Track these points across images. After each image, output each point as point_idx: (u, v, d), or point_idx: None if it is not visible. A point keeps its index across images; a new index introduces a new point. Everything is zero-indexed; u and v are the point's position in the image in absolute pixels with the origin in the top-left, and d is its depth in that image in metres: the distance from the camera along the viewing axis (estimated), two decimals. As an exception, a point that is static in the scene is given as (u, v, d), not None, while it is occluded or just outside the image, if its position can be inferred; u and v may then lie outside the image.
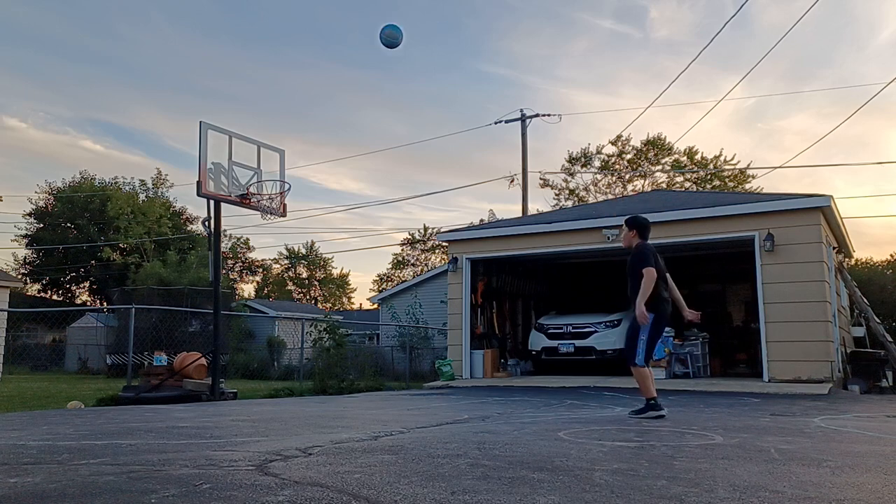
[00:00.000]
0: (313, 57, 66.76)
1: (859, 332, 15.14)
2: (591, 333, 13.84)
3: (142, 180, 41.79)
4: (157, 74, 63.26)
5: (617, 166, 38.48)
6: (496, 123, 25.48)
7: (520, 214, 23.77)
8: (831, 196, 11.40)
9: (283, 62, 63.29)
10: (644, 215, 6.87)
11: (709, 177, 36.70)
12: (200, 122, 9.68)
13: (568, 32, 56.23)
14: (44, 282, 43.15)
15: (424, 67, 67.85)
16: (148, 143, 71.89)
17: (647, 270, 6.09)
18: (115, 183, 41.62)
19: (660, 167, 37.56)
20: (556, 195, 38.48)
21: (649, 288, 6.04)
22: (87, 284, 44.16)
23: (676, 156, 37.60)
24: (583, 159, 38.61)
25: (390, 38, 8.46)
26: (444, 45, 64.32)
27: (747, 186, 35.26)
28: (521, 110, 24.73)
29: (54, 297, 43.66)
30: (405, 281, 33.51)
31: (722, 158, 36.41)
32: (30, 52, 58.74)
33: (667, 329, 12.92)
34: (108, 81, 63.10)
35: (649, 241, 6.45)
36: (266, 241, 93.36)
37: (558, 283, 17.77)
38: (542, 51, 56.96)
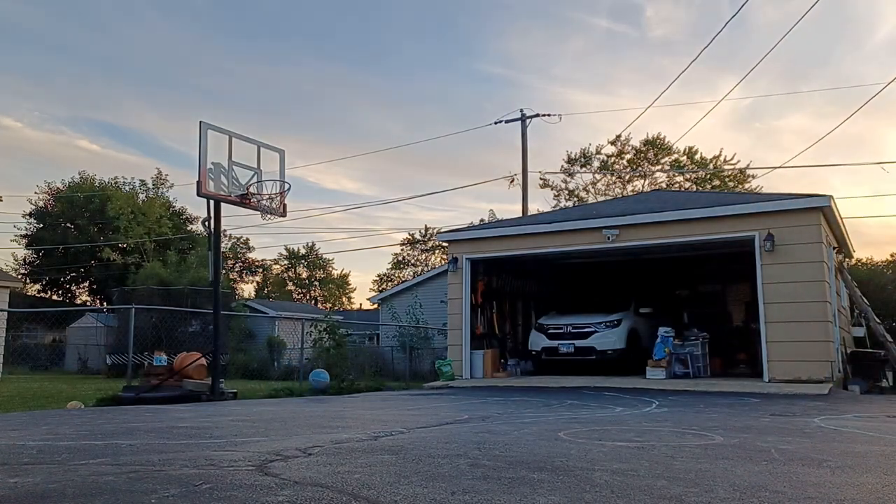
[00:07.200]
0: (308, 55, 66.63)
1: (859, 332, 15.14)
2: (591, 333, 13.84)
3: (142, 180, 41.75)
4: (153, 73, 63.07)
5: (616, 166, 38.49)
6: (496, 123, 25.45)
7: (520, 214, 23.76)
8: (831, 196, 11.40)
9: (279, 60, 63.13)
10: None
11: (708, 177, 36.70)
12: (200, 122, 9.66)
13: (564, 31, 56.17)
14: (44, 282, 43.11)
15: (420, 66, 67.66)
16: (145, 142, 71.69)
17: None
18: (115, 183, 41.60)
19: (659, 167, 37.56)
20: (556, 195, 38.50)
21: None
22: (87, 284, 44.13)
23: (676, 155, 37.61)
24: (582, 160, 38.62)
25: None
26: (440, 44, 64.19)
27: (747, 186, 35.25)
28: (521, 110, 24.70)
29: (54, 297, 43.61)
30: (405, 281, 33.50)
31: (722, 158, 36.43)
32: (23, 51, 58.64)
33: (666, 329, 12.99)
34: (103, 80, 62.90)
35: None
36: (266, 241, 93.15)
37: (558, 283, 17.77)
38: (538, 50, 56.92)
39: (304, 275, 57.44)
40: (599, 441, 4.56)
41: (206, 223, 10.19)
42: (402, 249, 52.55)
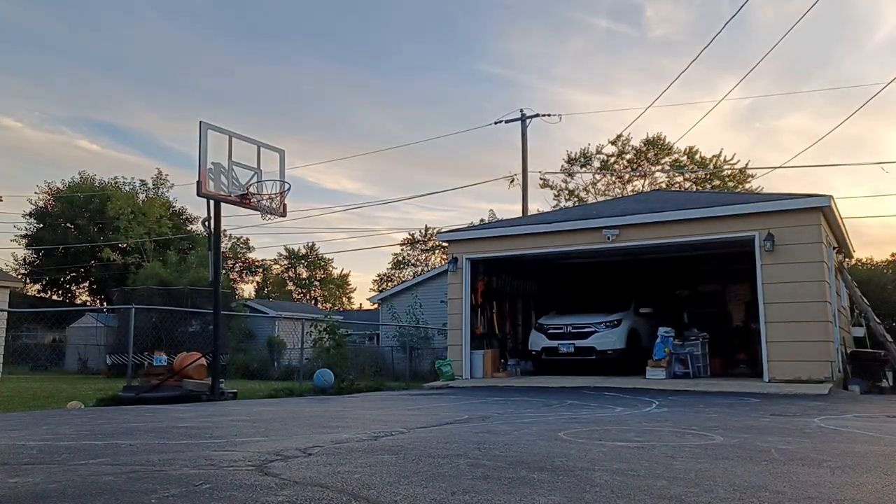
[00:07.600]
0: (308, 55, 66.57)
1: (859, 332, 15.15)
2: (591, 333, 13.84)
3: (142, 180, 41.81)
4: (153, 73, 63.03)
5: (616, 166, 38.48)
6: (496, 123, 25.43)
7: (520, 214, 23.76)
8: (831, 196, 11.40)
9: (279, 60, 63.12)
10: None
11: (708, 177, 36.69)
12: (200, 122, 9.66)
13: (564, 31, 56.13)
14: (44, 282, 43.10)
15: (420, 66, 67.62)
16: (145, 142, 71.67)
17: None
18: (115, 183, 41.62)
19: (659, 167, 37.55)
20: (556, 195, 38.49)
21: None
22: (87, 284, 44.13)
23: (676, 155, 37.60)
24: (582, 159, 38.60)
25: None
26: (440, 44, 64.18)
27: (747, 186, 35.25)
28: (521, 110, 24.68)
29: (54, 297, 43.61)
30: (405, 281, 33.50)
31: (722, 158, 36.42)
32: (24, 51, 58.59)
33: (666, 329, 12.99)
34: (103, 80, 62.83)
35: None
36: (266, 241, 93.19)
37: (558, 283, 17.77)
38: (538, 50, 56.87)
39: (304, 275, 57.46)
40: (599, 441, 4.56)
41: (206, 223, 10.19)
42: (402, 249, 52.61)
